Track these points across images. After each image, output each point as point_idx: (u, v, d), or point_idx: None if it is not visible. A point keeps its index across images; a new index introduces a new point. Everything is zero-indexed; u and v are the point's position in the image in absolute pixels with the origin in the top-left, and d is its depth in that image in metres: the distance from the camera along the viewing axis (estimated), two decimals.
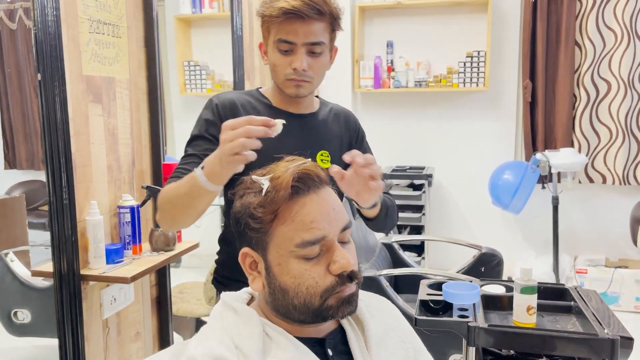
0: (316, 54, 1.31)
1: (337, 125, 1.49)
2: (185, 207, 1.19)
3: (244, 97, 1.41)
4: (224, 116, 1.32)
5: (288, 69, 1.30)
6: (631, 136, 3.75)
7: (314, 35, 1.28)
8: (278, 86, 1.37)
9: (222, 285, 1.47)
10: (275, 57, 1.32)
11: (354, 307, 0.89)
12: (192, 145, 1.35)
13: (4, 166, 2.22)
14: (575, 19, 3.72)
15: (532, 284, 1.55)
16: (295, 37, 1.27)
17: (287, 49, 1.29)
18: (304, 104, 1.43)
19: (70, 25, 1.64)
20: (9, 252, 2.22)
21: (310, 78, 1.33)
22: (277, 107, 1.40)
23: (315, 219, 0.84)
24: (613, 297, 3.63)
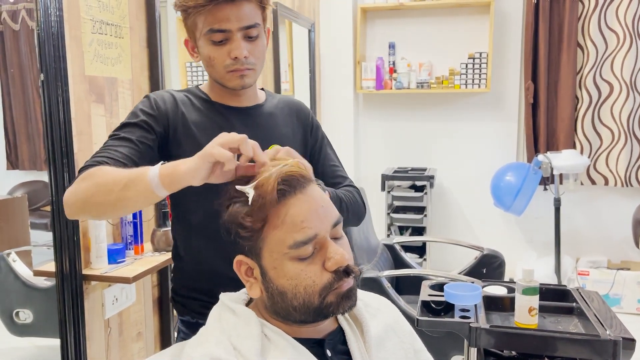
0: (253, 38, 1.20)
1: (287, 117, 1.37)
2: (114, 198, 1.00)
3: (181, 94, 1.29)
4: (162, 108, 1.22)
5: (227, 59, 1.18)
6: (633, 138, 3.74)
7: (248, 18, 1.17)
8: (218, 81, 1.24)
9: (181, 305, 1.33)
10: (209, 50, 1.19)
11: (354, 302, 0.89)
12: (125, 130, 1.18)
13: (6, 166, 2.23)
14: (577, 21, 3.72)
15: (534, 285, 1.55)
16: (228, 23, 1.15)
17: (221, 38, 1.17)
18: (246, 96, 1.30)
19: (72, 26, 1.65)
20: (11, 252, 2.22)
21: (252, 65, 1.21)
22: (217, 102, 1.28)
23: (305, 218, 0.84)
24: (615, 299, 3.62)
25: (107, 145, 1.15)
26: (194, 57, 1.25)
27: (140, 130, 1.18)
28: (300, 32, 3.70)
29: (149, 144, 1.18)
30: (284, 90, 3.43)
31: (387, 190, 3.93)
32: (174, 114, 1.23)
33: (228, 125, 1.23)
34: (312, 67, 3.82)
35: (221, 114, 1.26)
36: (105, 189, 1.01)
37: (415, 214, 3.94)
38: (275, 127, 1.32)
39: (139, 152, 1.16)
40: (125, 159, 1.12)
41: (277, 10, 3.15)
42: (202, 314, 1.24)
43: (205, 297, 1.26)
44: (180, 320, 1.34)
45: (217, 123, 1.25)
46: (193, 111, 1.25)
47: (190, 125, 1.23)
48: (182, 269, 1.32)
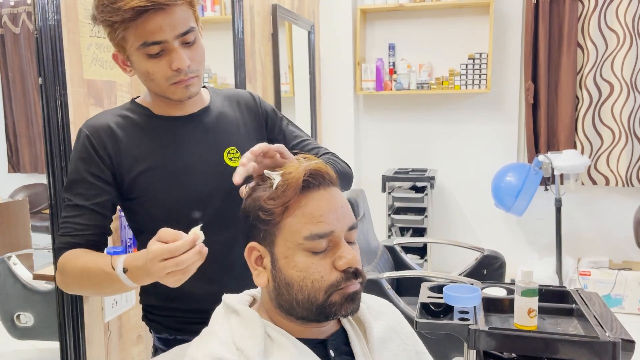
0: (191, 43, 1.10)
1: (237, 111, 1.28)
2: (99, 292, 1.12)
3: (117, 116, 1.19)
4: (100, 146, 1.14)
5: (168, 72, 1.09)
6: (634, 138, 3.74)
7: (182, 24, 1.07)
8: (161, 95, 1.15)
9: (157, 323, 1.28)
10: (146, 65, 1.09)
11: (357, 306, 0.90)
12: (74, 192, 1.13)
13: (7, 170, 2.23)
14: (577, 21, 3.72)
15: (533, 286, 1.54)
16: (162, 33, 1.05)
17: (158, 50, 1.07)
18: (190, 102, 1.21)
19: (71, 30, 1.65)
20: (11, 255, 2.22)
21: (196, 72, 1.12)
22: (160, 115, 1.19)
23: (324, 213, 0.86)
24: (617, 300, 3.61)
25: (66, 218, 1.14)
26: (128, 71, 1.15)
27: (88, 186, 1.13)
28: (300, 34, 3.70)
29: (105, 198, 1.15)
30: (284, 92, 3.43)
31: (388, 192, 3.93)
32: (115, 150, 1.15)
33: (176, 138, 1.18)
34: (312, 69, 3.82)
35: (167, 127, 1.19)
36: (88, 288, 1.11)
37: (416, 215, 3.94)
38: (227, 126, 1.24)
39: (96, 215, 1.14)
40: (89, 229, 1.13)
41: (277, 12, 3.15)
42: (180, 330, 1.24)
43: (181, 313, 1.24)
44: (157, 338, 1.29)
45: (166, 139, 1.18)
46: (134, 133, 1.16)
47: (136, 154, 1.15)
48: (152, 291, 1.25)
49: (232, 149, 1.21)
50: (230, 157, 1.21)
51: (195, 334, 1.19)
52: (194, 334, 1.18)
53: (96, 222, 1.14)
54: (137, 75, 1.14)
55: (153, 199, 1.16)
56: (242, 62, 2.74)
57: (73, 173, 1.15)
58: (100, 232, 1.16)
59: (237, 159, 1.20)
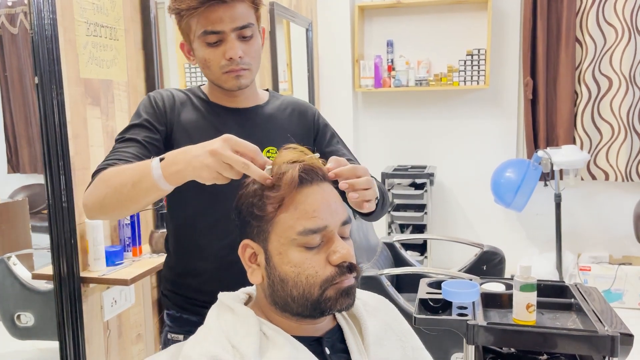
0: (247, 38, 1.19)
1: (290, 119, 1.34)
2: (125, 197, 1.02)
3: (179, 91, 1.30)
4: (162, 106, 1.24)
5: (222, 60, 1.18)
6: (633, 132, 3.73)
7: (241, 18, 1.16)
8: (214, 83, 1.24)
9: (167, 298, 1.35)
10: (204, 53, 1.19)
11: (352, 301, 0.90)
12: (130, 132, 1.20)
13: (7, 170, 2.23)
14: (575, 16, 3.71)
15: (532, 281, 1.54)
16: (221, 24, 1.15)
17: (215, 40, 1.16)
18: (244, 97, 1.29)
19: (67, 29, 1.65)
20: (11, 255, 2.23)
21: (248, 65, 1.20)
22: (215, 102, 1.28)
23: (318, 208, 0.86)
24: (617, 294, 3.61)
25: (116, 149, 1.17)
26: (191, 60, 1.25)
27: (145, 130, 1.20)
28: (298, 32, 3.70)
29: (155, 144, 1.20)
30: (283, 90, 3.43)
31: (387, 189, 3.93)
32: (171, 112, 1.24)
33: (223, 127, 1.23)
34: (311, 67, 3.82)
35: (218, 114, 1.26)
36: (116, 191, 1.03)
37: (415, 211, 3.94)
38: (274, 129, 1.30)
39: (147, 151, 1.17)
40: (135, 159, 1.13)
41: (274, 10, 3.15)
42: (185, 309, 1.30)
43: (190, 293, 1.29)
44: (166, 314, 1.36)
45: (212, 124, 1.25)
46: (191, 111, 1.26)
47: (185, 125, 1.24)
48: (171, 264, 1.34)
49: (272, 149, 1.26)
50: (268, 156, 1.22)
51: (199, 315, 1.20)
52: (197, 315, 1.24)
53: (145, 156, 1.14)
54: (198, 63, 1.23)
55: None
56: None
57: (134, 119, 1.22)
58: None
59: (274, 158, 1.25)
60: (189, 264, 1.29)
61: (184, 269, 1.30)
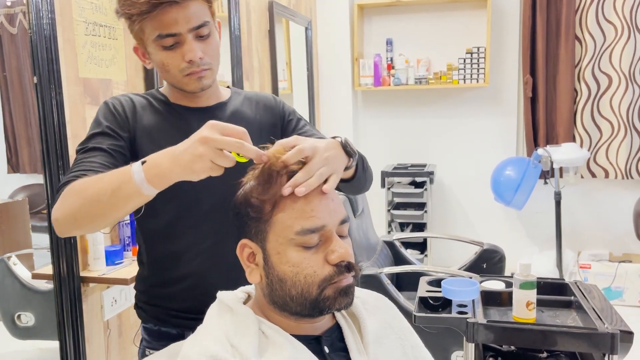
0: (205, 37, 1.14)
1: (253, 111, 1.30)
2: (104, 206, 0.97)
3: (138, 95, 1.25)
4: (123, 112, 1.18)
5: (181, 63, 1.13)
6: (633, 130, 3.73)
7: (196, 18, 1.11)
8: (175, 86, 1.20)
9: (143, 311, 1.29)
10: (161, 56, 1.14)
11: (351, 300, 0.89)
12: (92, 141, 1.14)
13: (7, 170, 2.23)
14: (575, 13, 3.71)
15: (531, 279, 1.54)
16: (176, 26, 1.10)
17: (172, 42, 1.11)
18: (206, 96, 1.25)
19: (65, 28, 1.65)
20: (11, 255, 2.23)
21: (209, 65, 1.16)
22: (176, 103, 1.24)
23: (315, 207, 0.86)
24: (617, 292, 3.61)
25: (80, 160, 1.11)
26: (147, 63, 1.20)
27: (108, 137, 1.14)
28: (297, 31, 3.70)
29: (121, 151, 1.15)
30: (282, 89, 3.43)
31: (387, 187, 3.93)
32: (132, 117, 1.19)
33: (187, 127, 1.16)
34: (310, 66, 3.82)
35: (180, 115, 1.22)
36: (92, 200, 0.97)
37: (415, 210, 3.94)
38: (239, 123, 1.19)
39: (114, 159, 1.12)
40: (103, 168, 1.08)
41: (273, 8, 3.14)
42: (164, 321, 1.24)
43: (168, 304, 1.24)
44: (143, 327, 1.30)
45: (175, 125, 1.21)
46: (152, 114, 1.21)
47: (148, 130, 1.19)
48: (145, 274, 1.28)
49: None
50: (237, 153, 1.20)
51: (179, 327, 1.21)
52: (177, 327, 1.21)
53: (112, 165, 1.09)
54: (154, 66, 1.18)
55: None
56: (239, 59, 2.73)
57: (94, 128, 1.16)
58: None
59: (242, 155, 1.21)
60: (165, 274, 1.23)
61: (160, 279, 1.24)
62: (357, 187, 1.23)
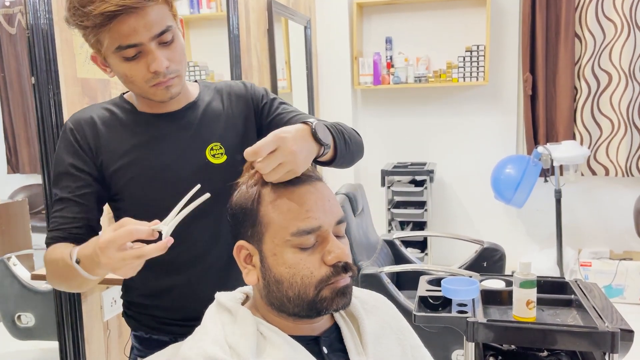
0: (168, 43, 1.05)
1: (226, 103, 1.23)
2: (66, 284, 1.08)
3: (102, 109, 1.16)
4: (82, 139, 1.12)
5: (147, 74, 1.04)
6: (633, 127, 3.73)
7: (158, 24, 1.02)
8: (142, 96, 1.13)
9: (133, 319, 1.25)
10: (123, 68, 1.05)
11: (348, 300, 0.89)
12: (60, 186, 1.12)
13: (7, 171, 2.23)
14: (574, 11, 3.70)
15: (531, 278, 1.54)
16: (137, 36, 1.01)
17: (134, 53, 1.02)
18: (175, 100, 1.16)
19: (63, 28, 1.64)
20: (11, 256, 2.22)
21: (176, 72, 1.08)
22: (143, 111, 1.16)
23: (311, 208, 0.86)
24: (618, 290, 3.61)
25: (53, 213, 1.12)
26: (108, 72, 1.11)
27: (71, 179, 1.11)
28: (296, 29, 3.69)
29: (88, 191, 1.11)
30: (282, 88, 3.43)
31: (387, 186, 3.92)
32: (96, 145, 1.12)
33: (161, 135, 1.14)
34: (309, 64, 3.81)
35: (150, 124, 1.15)
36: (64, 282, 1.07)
37: (415, 208, 3.93)
38: (212, 121, 1.20)
39: (81, 206, 1.11)
40: (73, 222, 1.10)
41: (272, 7, 3.14)
42: (155, 329, 1.22)
43: (160, 311, 1.21)
44: (134, 336, 1.27)
45: (148, 136, 1.14)
46: (117, 131, 1.14)
47: (116, 151, 1.13)
48: (133, 286, 1.24)
49: (215, 145, 1.17)
50: (213, 154, 1.17)
51: (171, 334, 1.19)
52: (169, 334, 1.19)
53: (81, 214, 1.10)
54: (116, 76, 1.11)
55: (132, 197, 1.14)
56: (237, 58, 2.73)
57: (58, 166, 1.13)
58: (85, 224, 1.11)
59: (220, 155, 1.17)
60: (154, 282, 1.19)
61: (149, 288, 1.21)
62: (344, 163, 1.17)
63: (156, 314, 1.21)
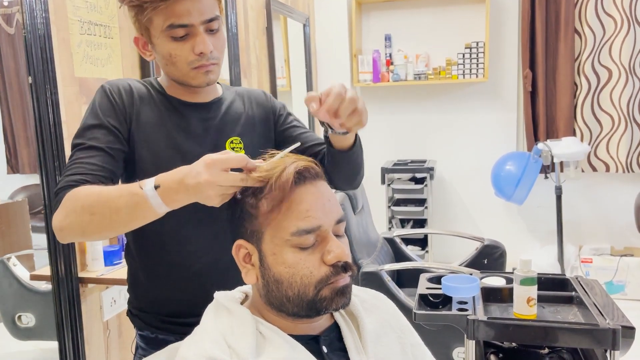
0: (215, 31, 1.13)
1: (246, 106, 1.30)
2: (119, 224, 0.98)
3: (138, 83, 1.21)
4: (121, 103, 1.15)
5: (191, 56, 1.11)
6: (633, 123, 3.72)
7: (209, 11, 1.11)
8: (180, 80, 1.17)
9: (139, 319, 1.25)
10: (170, 47, 1.11)
11: (348, 300, 0.89)
12: (89, 136, 1.11)
13: (6, 171, 2.23)
14: (574, 7, 3.69)
15: (532, 275, 1.53)
16: (189, 17, 1.08)
17: (183, 33, 1.09)
18: (205, 91, 1.23)
19: (60, 28, 1.64)
20: (11, 256, 2.22)
21: (217, 59, 1.15)
22: (174, 97, 1.21)
23: (311, 208, 0.85)
24: (619, 286, 3.61)
25: (78, 159, 1.08)
26: (147, 55, 1.18)
27: (106, 133, 1.11)
28: (295, 27, 3.68)
29: (120, 148, 1.13)
30: (281, 86, 3.42)
31: (387, 184, 3.92)
32: (130, 108, 1.16)
33: (187, 124, 1.19)
34: (308, 62, 3.80)
35: (178, 111, 1.20)
36: (104, 217, 0.97)
37: (416, 206, 3.93)
38: (234, 117, 1.26)
39: (113, 160, 1.10)
40: (102, 171, 1.07)
41: (271, 5, 3.13)
42: (161, 328, 1.22)
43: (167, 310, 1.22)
44: (139, 335, 1.27)
45: (173, 120, 1.19)
46: (149, 107, 1.18)
47: (145, 125, 1.16)
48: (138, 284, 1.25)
49: (235, 139, 1.23)
50: (232, 147, 1.22)
51: (177, 334, 1.17)
52: (175, 334, 1.18)
53: (111, 166, 1.09)
54: (157, 59, 1.16)
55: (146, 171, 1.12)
56: (236, 56, 2.72)
57: (91, 118, 1.12)
58: (112, 177, 1.10)
59: (239, 149, 1.23)
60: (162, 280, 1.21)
61: (156, 287, 1.22)
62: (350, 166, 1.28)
63: (162, 311, 1.22)
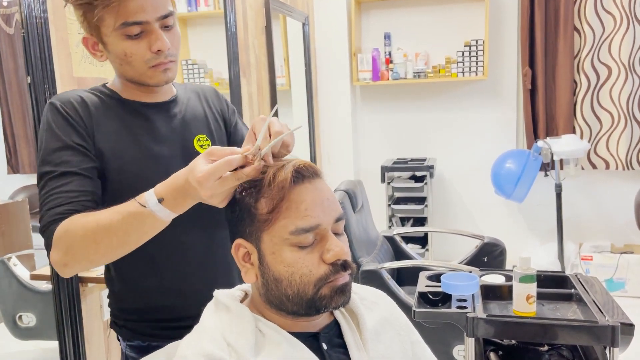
0: (170, 27, 1.10)
1: (201, 102, 1.27)
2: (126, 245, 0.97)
3: (88, 93, 1.14)
4: (76, 116, 1.09)
5: (148, 54, 1.07)
6: (633, 120, 3.72)
7: (163, 6, 1.07)
8: (136, 80, 1.12)
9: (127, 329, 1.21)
10: (124, 46, 1.06)
11: (347, 298, 0.89)
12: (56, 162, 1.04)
13: (7, 171, 2.24)
14: (573, 4, 3.69)
15: (531, 272, 1.53)
16: (144, 14, 1.04)
17: (138, 31, 1.05)
18: (162, 90, 1.19)
19: (58, 27, 1.64)
20: (11, 256, 2.23)
21: (174, 56, 1.12)
22: (132, 100, 1.16)
23: (310, 206, 0.85)
24: (619, 283, 3.61)
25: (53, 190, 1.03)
26: (97, 56, 1.12)
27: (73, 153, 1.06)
28: (294, 26, 3.68)
29: (91, 166, 1.07)
30: (280, 85, 3.42)
31: (387, 182, 3.92)
32: (88, 120, 1.10)
33: (150, 126, 1.15)
34: (308, 61, 3.80)
35: (140, 113, 1.16)
36: (110, 242, 0.95)
37: (416, 204, 3.93)
38: (195, 115, 1.23)
39: (89, 179, 1.06)
40: (83, 195, 1.03)
41: (270, 4, 3.13)
42: (155, 336, 1.18)
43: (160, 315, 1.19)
44: (129, 346, 1.21)
45: (137, 124, 1.14)
46: (107, 114, 1.13)
47: (108, 136, 1.11)
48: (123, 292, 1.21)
49: (202, 137, 1.20)
50: (200, 145, 1.20)
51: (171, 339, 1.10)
52: (169, 339, 1.10)
53: (90, 187, 1.05)
54: (110, 59, 1.11)
55: (120, 179, 1.11)
56: (235, 55, 2.72)
57: (50, 142, 1.06)
58: (94, 199, 1.05)
59: (207, 146, 1.19)
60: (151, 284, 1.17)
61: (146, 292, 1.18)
62: None
63: (156, 318, 1.19)
